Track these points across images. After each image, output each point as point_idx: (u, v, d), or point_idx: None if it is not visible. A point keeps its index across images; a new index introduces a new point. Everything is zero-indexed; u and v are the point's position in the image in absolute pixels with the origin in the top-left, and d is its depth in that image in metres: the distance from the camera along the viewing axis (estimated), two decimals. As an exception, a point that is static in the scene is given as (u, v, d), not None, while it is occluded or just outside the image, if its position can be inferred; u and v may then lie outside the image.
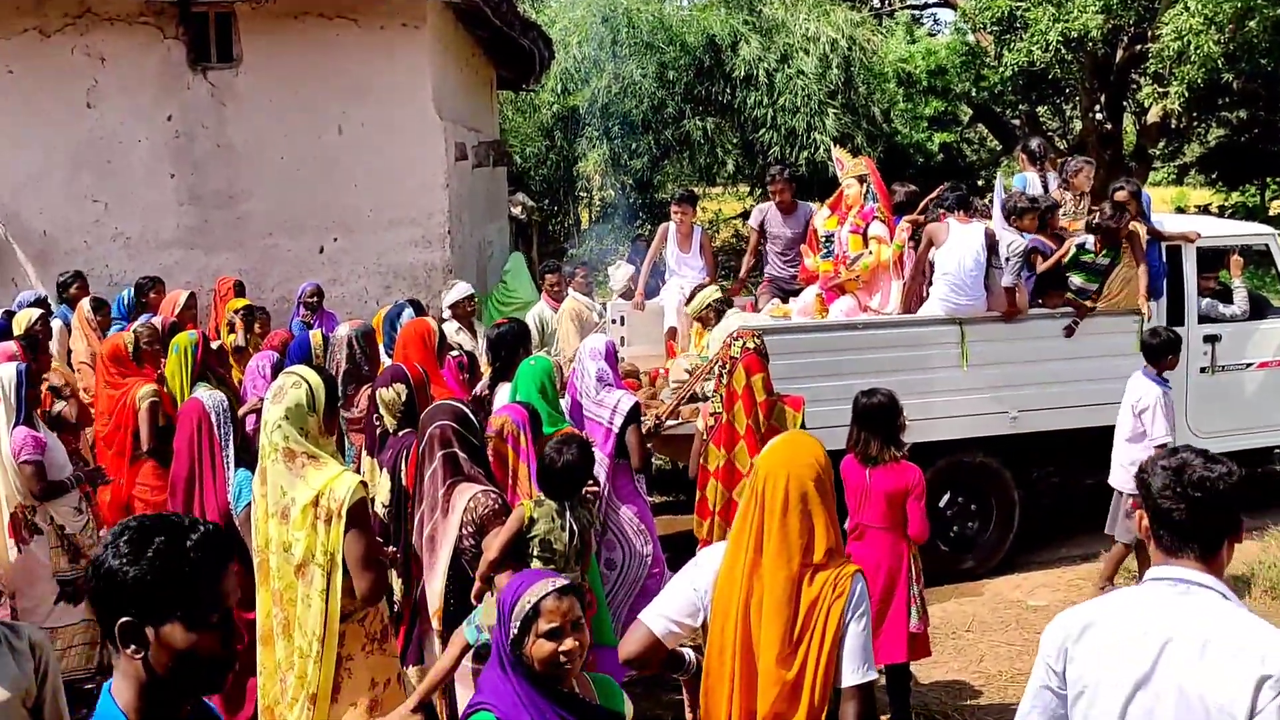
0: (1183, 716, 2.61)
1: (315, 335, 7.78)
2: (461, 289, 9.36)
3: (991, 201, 8.97)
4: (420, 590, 4.83)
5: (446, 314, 9.37)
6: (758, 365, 6.38)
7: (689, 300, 8.81)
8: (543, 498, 4.46)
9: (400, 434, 5.33)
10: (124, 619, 2.21)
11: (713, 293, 8.64)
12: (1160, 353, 7.53)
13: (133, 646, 2.21)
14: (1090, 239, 8.47)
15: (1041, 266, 8.42)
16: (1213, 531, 2.74)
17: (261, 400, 5.02)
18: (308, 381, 4.37)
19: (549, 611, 2.94)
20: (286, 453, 4.30)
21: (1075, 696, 2.82)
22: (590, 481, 5.26)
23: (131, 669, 2.24)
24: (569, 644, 2.94)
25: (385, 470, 5.27)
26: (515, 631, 2.93)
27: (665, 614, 3.47)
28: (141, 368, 7.57)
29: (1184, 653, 2.63)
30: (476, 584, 4.44)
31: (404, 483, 5.15)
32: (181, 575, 2.21)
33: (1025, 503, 8.66)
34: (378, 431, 5.52)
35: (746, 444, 6.37)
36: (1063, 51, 17.20)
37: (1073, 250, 8.50)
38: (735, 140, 19.13)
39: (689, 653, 3.62)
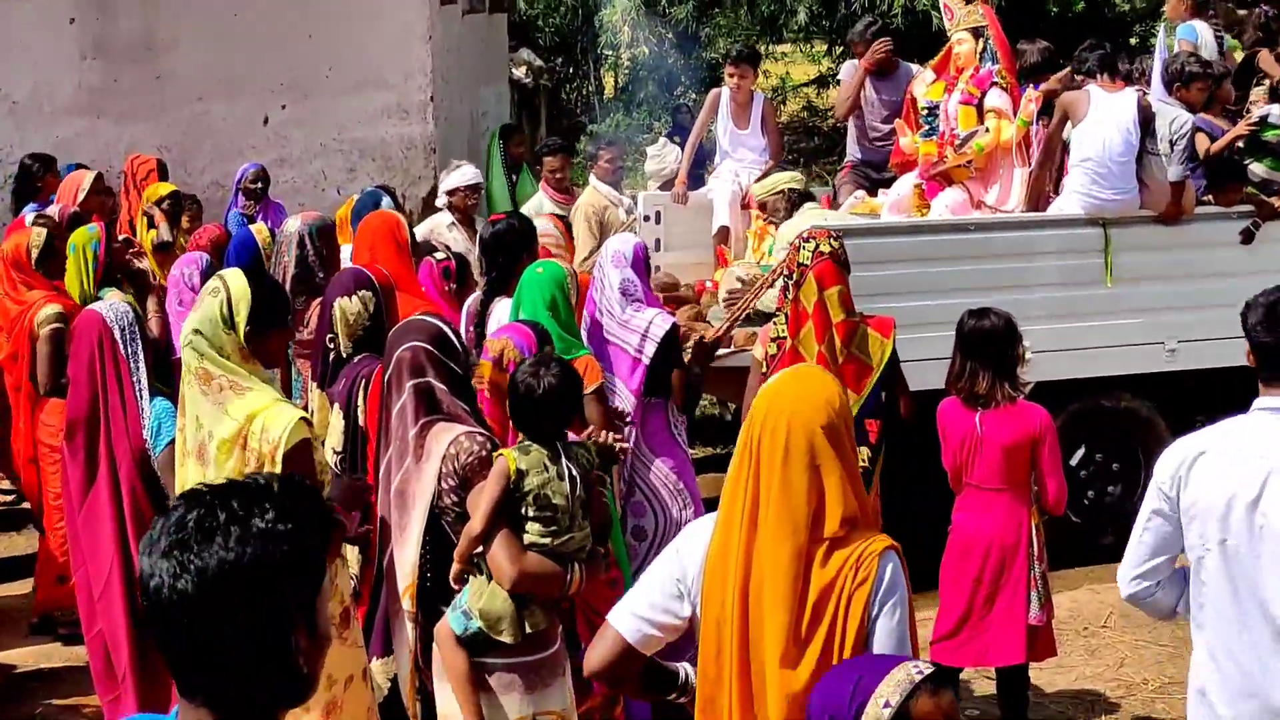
0: None
1: (261, 230, 7.75)
2: (467, 173, 9.30)
3: (1149, 65, 8.82)
4: (387, 561, 4.84)
5: (442, 200, 9.36)
6: (834, 276, 6.34)
7: (758, 180, 8.81)
8: (528, 443, 4.46)
9: (357, 359, 5.33)
10: None
11: (788, 177, 8.58)
12: None
13: None
14: (1275, 109, 8.32)
15: (1212, 148, 8.25)
16: None
17: None
18: (226, 288, 4.47)
19: (926, 716, 2.59)
20: (201, 374, 4.41)
21: (1189, 520, 3.80)
22: (616, 433, 5.24)
23: None
24: None
25: (337, 405, 5.27)
26: None
27: (638, 612, 3.38)
28: (55, 278, 7.56)
29: None
30: (455, 565, 4.45)
31: (361, 422, 5.14)
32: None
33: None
34: (331, 357, 5.50)
35: None
36: None
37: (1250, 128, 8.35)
38: (809, -19, 18.85)
39: (684, 668, 3.54)
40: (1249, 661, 3.66)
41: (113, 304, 6.19)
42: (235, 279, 4.52)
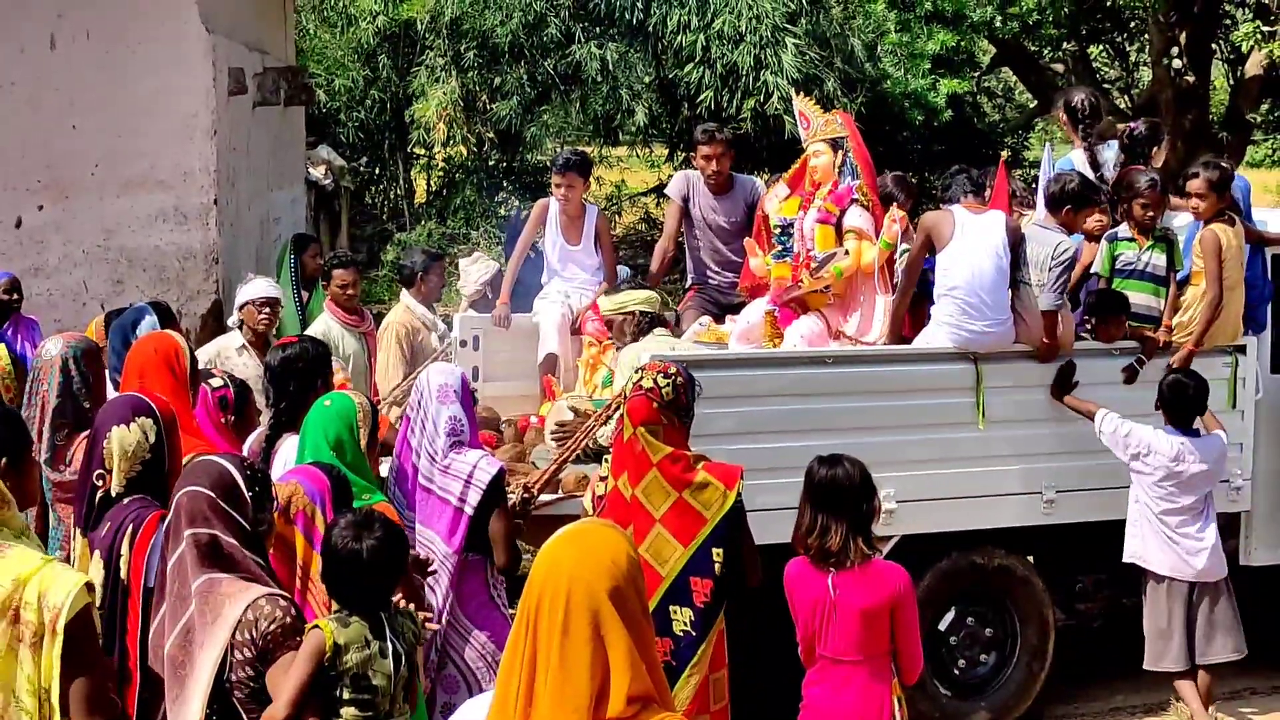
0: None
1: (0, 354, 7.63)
2: (258, 286, 9.29)
3: (1034, 181, 9.08)
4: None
5: (234, 320, 9.30)
6: (646, 412, 6.41)
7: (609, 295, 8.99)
8: (345, 614, 4.43)
9: (127, 500, 5.24)
10: None
11: (642, 298, 8.77)
12: (1191, 407, 8.32)
13: None
14: (1123, 226, 8.74)
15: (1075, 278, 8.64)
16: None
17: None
18: None
19: None
20: None
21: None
22: (425, 612, 5.23)
23: None
24: None
25: (98, 554, 5.16)
26: None
27: None
28: None
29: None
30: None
31: (124, 574, 5.06)
32: None
33: (1064, 625, 8.80)
34: (98, 496, 5.41)
35: (634, 527, 6.31)
36: (1128, -32, 17.63)
37: (1104, 251, 8.72)
38: (649, 79, 19.21)
39: None
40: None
41: None
42: None
